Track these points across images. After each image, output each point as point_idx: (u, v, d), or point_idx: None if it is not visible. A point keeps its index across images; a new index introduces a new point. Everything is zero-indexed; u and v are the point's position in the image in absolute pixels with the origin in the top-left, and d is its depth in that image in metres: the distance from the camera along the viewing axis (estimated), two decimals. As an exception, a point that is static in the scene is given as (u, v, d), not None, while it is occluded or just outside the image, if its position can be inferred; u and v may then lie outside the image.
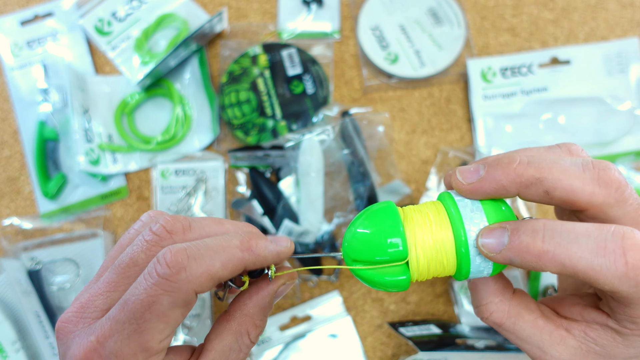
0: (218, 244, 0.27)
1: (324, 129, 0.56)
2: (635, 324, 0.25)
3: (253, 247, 0.28)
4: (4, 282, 0.52)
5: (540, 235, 0.24)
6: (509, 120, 0.59)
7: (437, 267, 0.28)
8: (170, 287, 0.25)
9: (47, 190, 0.58)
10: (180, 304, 0.25)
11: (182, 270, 0.25)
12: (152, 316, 0.25)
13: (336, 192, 0.57)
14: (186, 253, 0.25)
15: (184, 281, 0.25)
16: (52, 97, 0.59)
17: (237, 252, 0.27)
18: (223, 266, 0.26)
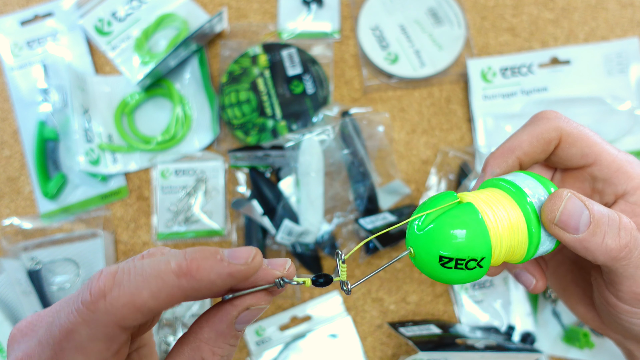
0: (152, 266, 0.23)
1: (324, 129, 0.56)
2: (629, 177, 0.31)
3: (193, 270, 0.23)
4: (4, 282, 0.52)
5: None
6: (509, 120, 0.59)
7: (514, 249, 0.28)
8: (88, 317, 0.22)
9: (47, 190, 0.58)
10: (100, 337, 0.22)
11: (101, 299, 0.22)
12: (69, 346, 0.22)
13: (336, 192, 0.57)
14: (114, 278, 0.22)
15: (103, 312, 0.22)
16: (52, 97, 0.59)
17: (172, 279, 0.23)
18: (153, 296, 0.22)
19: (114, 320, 0.22)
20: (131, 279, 0.22)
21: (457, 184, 0.58)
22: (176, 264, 0.23)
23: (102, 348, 0.23)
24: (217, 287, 0.24)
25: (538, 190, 0.28)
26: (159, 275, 0.23)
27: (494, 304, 0.55)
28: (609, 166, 0.30)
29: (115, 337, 0.23)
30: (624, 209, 0.30)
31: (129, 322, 0.22)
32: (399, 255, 0.29)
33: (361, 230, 0.55)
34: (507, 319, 0.55)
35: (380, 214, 0.56)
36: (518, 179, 0.29)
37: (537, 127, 0.31)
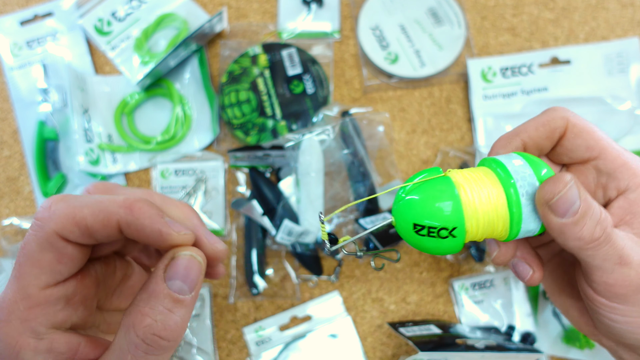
0: (102, 197, 0.26)
1: (324, 129, 0.56)
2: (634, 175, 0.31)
3: (135, 207, 0.26)
4: (4, 282, 0.52)
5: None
6: (509, 120, 0.59)
7: (492, 225, 0.28)
8: (35, 226, 0.25)
9: (47, 190, 0.58)
10: (46, 246, 0.25)
11: (47, 209, 0.25)
12: (24, 260, 0.25)
13: (336, 192, 0.57)
14: (60, 197, 0.25)
15: (47, 221, 0.25)
16: (51, 97, 0.59)
17: (114, 206, 0.25)
18: (92, 214, 0.25)
19: (54, 229, 0.24)
20: (75, 200, 0.25)
21: (457, 184, 0.58)
22: (124, 198, 0.26)
23: (51, 259, 0.25)
24: (145, 234, 0.26)
25: (525, 170, 0.28)
26: (103, 201, 0.26)
27: (494, 304, 0.55)
28: (613, 160, 0.30)
29: (60, 248, 0.25)
30: (622, 205, 0.30)
31: (66, 232, 0.25)
32: (384, 223, 0.30)
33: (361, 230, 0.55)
34: (507, 319, 0.55)
35: (380, 214, 0.56)
36: (507, 159, 0.29)
37: (544, 115, 0.31)
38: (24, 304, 0.25)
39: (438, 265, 0.57)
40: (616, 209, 0.31)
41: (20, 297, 0.24)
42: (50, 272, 0.25)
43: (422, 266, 0.57)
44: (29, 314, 0.25)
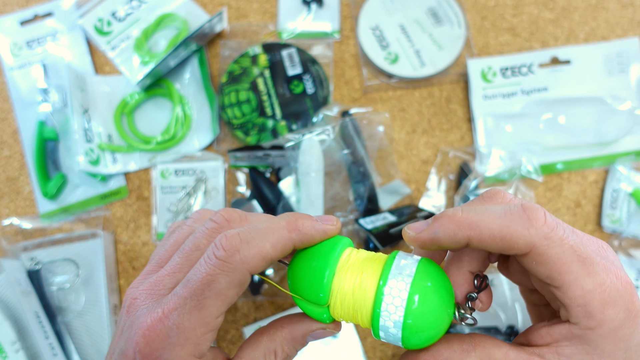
0: (267, 226, 0.29)
1: (324, 129, 0.56)
2: (589, 315, 0.25)
3: (300, 226, 0.29)
4: (4, 282, 0.52)
5: (459, 209, 0.28)
6: (509, 120, 0.59)
7: (355, 314, 0.28)
8: (226, 267, 0.27)
9: (47, 190, 0.58)
10: (235, 283, 0.27)
11: (236, 253, 0.27)
12: (210, 293, 0.27)
13: (336, 192, 0.57)
14: (239, 237, 0.28)
15: (239, 262, 0.27)
16: (51, 97, 0.59)
17: (285, 233, 0.29)
18: (273, 247, 0.28)
19: (247, 269, 0.27)
20: (254, 236, 0.28)
21: (457, 184, 0.58)
22: (286, 222, 0.29)
23: (235, 293, 0.28)
24: (315, 240, 0.30)
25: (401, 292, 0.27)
26: (274, 232, 0.29)
27: (494, 304, 0.55)
28: (572, 299, 0.26)
29: (245, 283, 0.28)
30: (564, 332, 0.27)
31: (257, 269, 0.28)
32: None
33: (361, 231, 0.55)
34: (507, 319, 0.55)
35: (380, 214, 0.56)
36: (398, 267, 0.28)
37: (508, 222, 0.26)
38: (201, 330, 0.27)
39: (438, 265, 0.57)
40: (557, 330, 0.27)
41: (199, 325, 0.27)
42: (228, 303, 0.28)
43: (422, 266, 0.57)
44: (203, 338, 0.27)
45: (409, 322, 0.26)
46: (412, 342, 0.27)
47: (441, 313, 0.27)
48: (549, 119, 0.59)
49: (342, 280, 0.28)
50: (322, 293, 0.28)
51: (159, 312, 0.27)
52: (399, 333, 0.27)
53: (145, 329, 0.27)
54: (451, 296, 0.28)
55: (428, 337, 0.27)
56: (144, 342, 0.27)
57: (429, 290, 0.26)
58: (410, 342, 0.27)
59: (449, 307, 0.27)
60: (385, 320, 0.27)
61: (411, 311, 0.26)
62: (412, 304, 0.26)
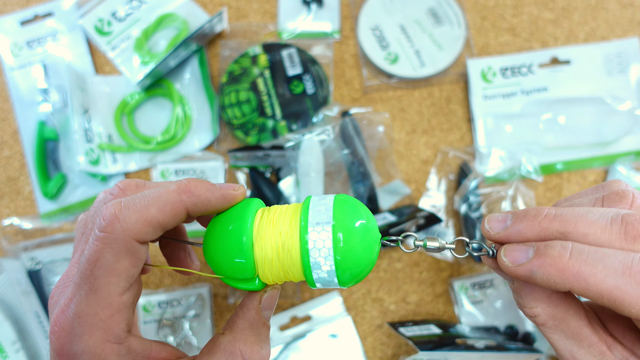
0: (155, 191, 0.27)
1: (324, 129, 0.56)
2: None
3: (192, 188, 0.27)
4: (4, 282, 0.52)
5: (567, 251, 0.24)
6: (509, 120, 0.59)
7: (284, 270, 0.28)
8: (108, 239, 0.25)
9: (47, 190, 0.58)
10: (123, 254, 0.25)
11: (115, 220, 0.25)
12: (100, 272, 0.25)
13: (336, 192, 0.57)
14: (120, 204, 0.26)
15: (120, 231, 0.25)
16: (52, 97, 0.59)
17: (174, 195, 0.27)
18: (160, 210, 0.26)
19: (130, 236, 0.25)
20: (137, 201, 0.26)
21: (457, 184, 0.58)
22: (176, 185, 0.27)
23: (128, 265, 0.26)
24: (212, 205, 0.28)
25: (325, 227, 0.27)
26: (161, 195, 0.27)
27: (494, 304, 0.55)
28: None
29: (135, 252, 0.26)
30: None
31: (143, 235, 0.26)
32: None
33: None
34: (507, 319, 0.55)
35: (380, 214, 0.56)
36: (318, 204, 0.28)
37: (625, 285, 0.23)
38: (105, 313, 0.25)
39: (438, 265, 0.57)
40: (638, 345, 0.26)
41: (100, 308, 0.25)
42: (126, 277, 0.26)
43: (422, 266, 0.57)
44: (111, 321, 0.25)
45: (339, 260, 0.27)
46: (346, 278, 0.28)
47: (367, 243, 0.28)
48: (549, 119, 0.59)
49: (263, 246, 0.27)
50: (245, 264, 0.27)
51: (60, 305, 0.26)
52: (334, 277, 0.27)
53: (53, 325, 0.26)
54: (373, 224, 0.28)
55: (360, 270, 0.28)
56: (54, 339, 0.25)
57: (350, 226, 0.27)
58: (345, 279, 0.28)
59: (373, 235, 0.28)
60: (319, 273, 0.27)
61: (339, 250, 0.27)
62: (338, 243, 0.27)
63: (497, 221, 0.28)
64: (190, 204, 0.27)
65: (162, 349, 0.28)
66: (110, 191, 0.29)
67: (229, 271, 0.28)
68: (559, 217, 0.25)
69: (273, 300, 0.30)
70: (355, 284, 0.29)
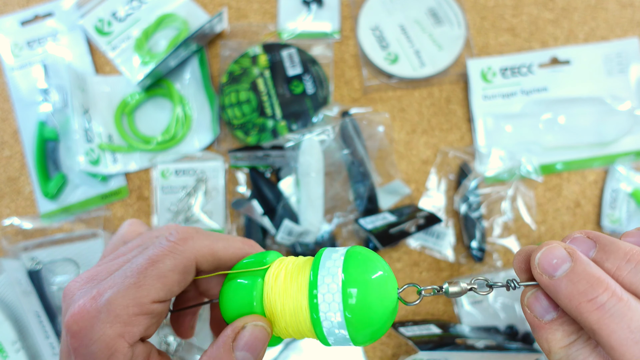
0: (223, 234, 0.30)
1: (324, 129, 0.56)
2: None
3: (252, 243, 0.31)
4: (4, 282, 0.52)
5: None
6: (509, 120, 0.59)
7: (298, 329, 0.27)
8: (175, 249, 0.27)
9: (47, 190, 0.58)
10: (180, 268, 0.27)
11: (189, 239, 0.27)
12: (153, 273, 0.26)
13: (336, 192, 0.57)
14: (195, 230, 0.29)
15: (189, 248, 0.27)
16: (52, 97, 0.59)
17: (238, 242, 0.30)
18: (225, 248, 0.29)
19: (195, 256, 0.27)
20: (210, 234, 0.29)
21: (457, 184, 0.58)
22: (240, 239, 0.30)
23: (177, 279, 0.27)
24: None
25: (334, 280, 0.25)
26: (229, 238, 0.30)
27: (494, 304, 0.55)
28: None
29: (189, 272, 0.27)
30: None
31: (203, 261, 0.28)
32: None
33: (361, 231, 0.55)
34: (507, 319, 0.55)
35: (380, 214, 0.56)
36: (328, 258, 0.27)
37: None
38: (133, 310, 0.25)
39: (438, 265, 0.57)
40: None
41: (132, 303, 0.25)
42: (168, 290, 0.27)
43: (422, 266, 0.57)
44: (134, 320, 0.26)
45: (349, 317, 0.25)
46: (360, 337, 0.26)
47: (382, 299, 0.25)
48: (549, 119, 0.59)
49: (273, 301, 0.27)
50: None
51: (93, 292, 0.26)
52: (345, 332, 0.25)
53: (76, 309, 0.25)
54: (390, 278, 0.26)
55: (376, 328, 0.26)
56: (73, 321, 0.25)
57: (363, 281, 0.25)
58: (359, 338, 0.26)
59: (390, 290, 0.26)
60: (328, 326, 0.25)
61: (349, 306, 0.25)
62: (349, 298, 0.25)
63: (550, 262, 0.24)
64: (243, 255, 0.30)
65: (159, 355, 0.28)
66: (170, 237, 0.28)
67: None
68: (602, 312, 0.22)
69: (256, 341, 0.26)
70: (372, 342, 0.27)
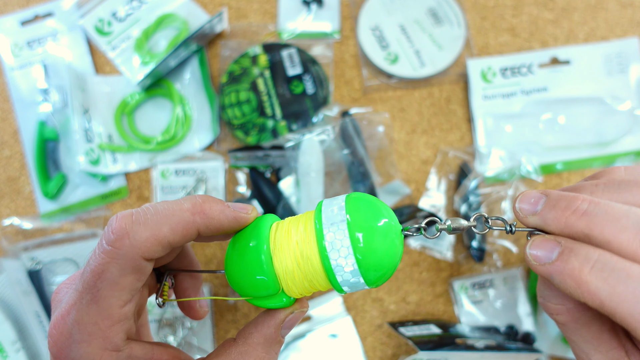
0: (168, 207, 0.26)
1: (324, 129, 0.56)
2: None
3: (206, 209, 0.27)
4: (4, 282, 0.52)
5: (589, 264, 0.23)
6: (509, 120, 0.59)
7: (309, 281, 0.27)
8: (116, 254, 0.25)
9: (47, 190, 0.58)
10: (129, 270, 0.25)
11: (125, 236, 0.25)
12: (104, 285, 0.25)
13: (336, 192, 0.57)
14: (132, 218, 0.25)
15: (129, 247, 0.25)
16: (52, 97, 0.59)
17: (188, 215, 0.26)
18: (172, 230, 0.26)
19: (139, 254, 0.25)
20: (149, 218, 0.26)
21: (457, 184, 0.58)
22: (191, 204, 0.27)
23: (132, 280, 0.26)
24: (223, 228, 0.28)
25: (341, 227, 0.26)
26: (174, 214, 0.26)
27: (494, 304, 0.55)
28: None
29: (141, 269, 0.26)
30: None
31: (152, 254, 0.25)
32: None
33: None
34: (507, 319, 0.55)
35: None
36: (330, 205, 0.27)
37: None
38: (105, 324, 0.25)
39: (438, 265, 0.57)
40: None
41: (100, 318, 0.25)
42: (129, 291, 0.26)
43: (422, 266, 0.57)
44: (110, 331, 0.25)
45: (360, 260, 0.26)
46: (374, 278, 0.26)
47: (388, 236, 0.26)
48: (549, 119, 0.59)
49: (282, 258, 0.27)
50: (267, 280, 0.27)
51: (62, 308, 0.26)
52: (359, 278, 0.26)
53: (52, 327, 0.26)
54: (391, 217, 0.27)
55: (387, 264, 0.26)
56: (52, 342, 0.26)
57: (366, 222, 0.26)
58: (372, 279, 0.26)
59: (394, 227, 0.27)
60: (342, 275, 0.26)
61: (359, 248, 0.26)
62: (357, 242, 0.26)
63: (529, 203, 0.26)
64: (203, 226, 0.27)
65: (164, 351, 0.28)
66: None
67: (253, 291, 0.27)
68: (588, 216, 0.24)
69: (295, 321, 0.29)
70: (384, 282, 0.28)
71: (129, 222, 0.25)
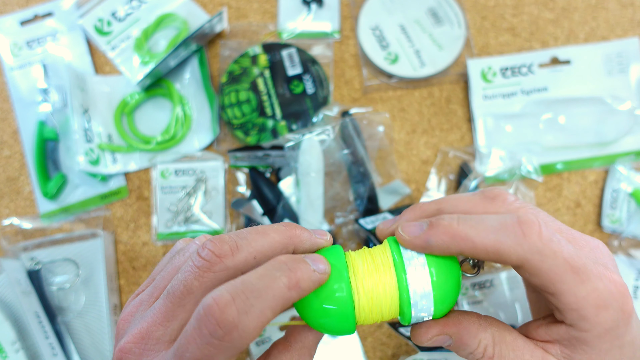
0: (266, 285, 0.25)
1: (324, 129, 0.56)
2: (584, 319, 0.26)
3: (300, 283, 0.26)
4: (4, 282, 0.52)
5: (455, 219, 0.28)
6: (509, 120, 0.59)
7: (382, 312, 0.29)
8: (223, 347, 0.24)
9: (47, 190, 0.58)
10: (234, 356, 0.25)
11: (234, 330, 0.24)
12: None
13: (336, 192, 0.57)
14: (235, 308, 0.24)
15: (237, 339, 0.24)
16: (51, 97, 0.59)
17: (285, 293, 0.26)
18: (273, 313, 0.25)
19: (246, 342, 0.25)
20: (253, 304, 0.24)
21: (457, 184, 0.58)
22: (287, 279, 0.26)
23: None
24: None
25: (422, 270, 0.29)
26: (275, 294, 0.25)
27: (494, 304, 0.55)
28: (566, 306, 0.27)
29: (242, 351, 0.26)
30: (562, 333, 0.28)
31: (256, 338, 0.25)
32: None
33: (361, 231, 0.55)
34: (507, 319, 0.55)
35: (380, 214, 0.56)
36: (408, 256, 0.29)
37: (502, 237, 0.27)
38: None
39: (438, 265, 0.57)
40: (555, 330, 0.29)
41: None
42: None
43: (422, 266, 0.57)
44: None
45: (435, 295, 0.28)
46: (440, 311, 0.29)
47: (455, 276, 0.29)
48: (549, 119, 0.59)
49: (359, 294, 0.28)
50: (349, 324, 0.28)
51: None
52: (430, 309, 0.28)
53: None
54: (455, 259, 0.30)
55: (451, 301, 0.29)
56: None
57: (439, 261, 0.29)
58: (439, 311, 0.29)
59: (457, 268, 0.30)
60: (418, 305, 0.28)
61: (434, 284, 0.28)
62: (432, 277, 0.28)
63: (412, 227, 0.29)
64: (296, 300, 0.27)
65: None
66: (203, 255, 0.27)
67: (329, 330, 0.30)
68: (435, 201, 0.31)
69: None
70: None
71: (234, 315, 0.24)
